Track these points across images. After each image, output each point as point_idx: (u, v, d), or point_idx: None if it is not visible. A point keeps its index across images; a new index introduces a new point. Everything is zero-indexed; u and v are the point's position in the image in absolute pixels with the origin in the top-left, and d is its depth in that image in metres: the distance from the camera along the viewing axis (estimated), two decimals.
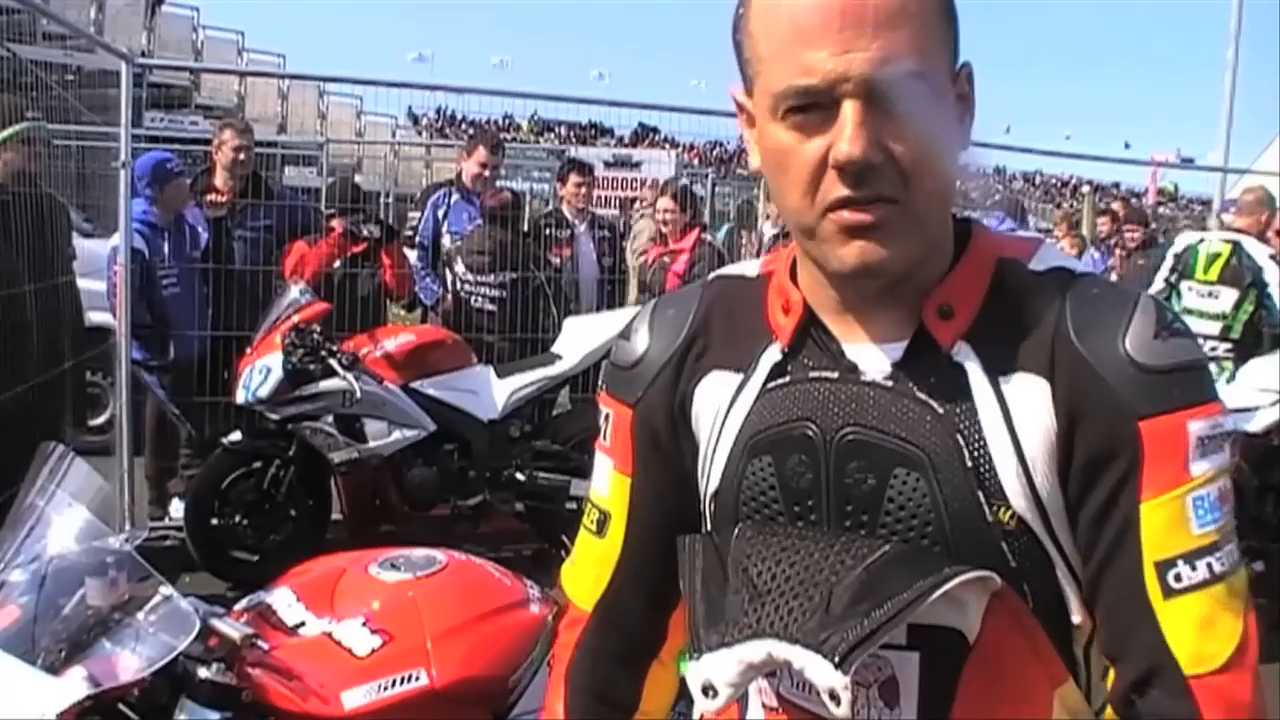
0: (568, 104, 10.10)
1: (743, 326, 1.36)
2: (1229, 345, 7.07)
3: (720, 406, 1.34)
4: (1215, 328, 7.08)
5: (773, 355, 1.31)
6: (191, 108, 21.17)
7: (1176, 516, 1.15)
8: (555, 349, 6.76)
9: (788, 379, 1.29)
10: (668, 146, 32.95)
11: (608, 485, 1.46)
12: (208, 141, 8.13)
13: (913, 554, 1.18)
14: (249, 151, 7.31)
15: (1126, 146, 41.80)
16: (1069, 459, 1.18)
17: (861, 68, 1.11)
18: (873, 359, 1.25)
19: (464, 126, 36.28)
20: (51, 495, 2.33)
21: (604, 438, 1.46)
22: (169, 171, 6.88)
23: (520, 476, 6.48)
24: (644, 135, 42.46)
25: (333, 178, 12.35)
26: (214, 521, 6.04)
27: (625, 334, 1.45)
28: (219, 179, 7.24)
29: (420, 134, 34.67)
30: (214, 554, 6.03)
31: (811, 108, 1.14)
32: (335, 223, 7.07)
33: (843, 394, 1.25)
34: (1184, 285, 7.31)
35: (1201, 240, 7.68)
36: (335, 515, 6.47)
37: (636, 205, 11.74)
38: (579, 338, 6.70)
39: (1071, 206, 28.71)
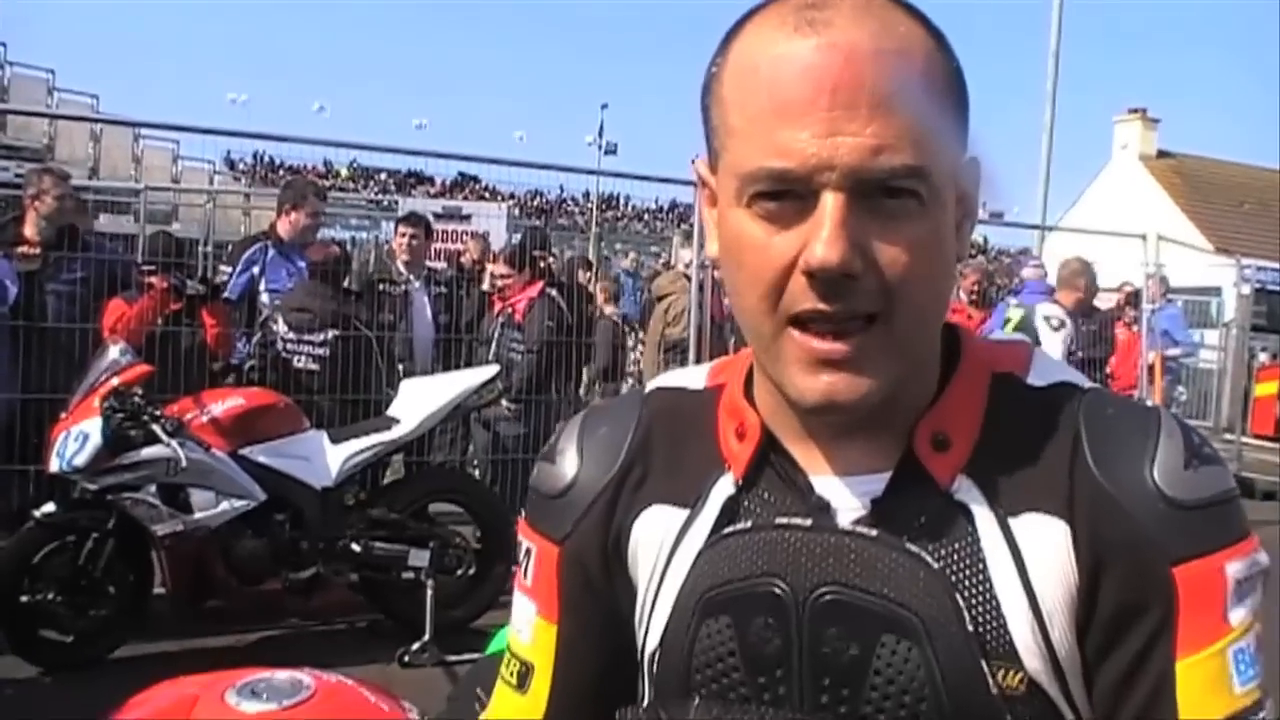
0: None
1: (689, 452, 1.18)
2: None
3: (662, 548, 1.16)
4: None
5: (725, 488, 1.13)
6: None
7: (1217, 675, 1.00)
8: (391, 412, 6.53)
9: (749, 525, 1.11)
10: (489, 196, 32.91)
11: (530, 633, 1.25)
12: (16, 187, 7.72)
13: None
14: (69, 200, 6.96)
15: None
16: (1091, 611, 1.03)
17: (849, 156, 0.94)
18: (848, 496, 1.07)
19: (283, 173, 35.71)
20: None
21: (525, 576, 1.26)
22: None
23: (355, 546, 6.21)
24: (464, 184, 42.46)
25: (151, 226, 11.92)
26: (24, 599, 5.61)
27: (550, 455, 1.26)
28: (29, 229, 6.87)
29: (238, 180, 33.91)
30: (24, 635, 5.63)
31: (784, 195, 0.97)
32: (156, 278, 6.71)
33: (817, 546, 1.06)
34: None
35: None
36: (158, 590, 6.08)
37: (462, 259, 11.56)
38: (416, 400, 6.49)
39: None
